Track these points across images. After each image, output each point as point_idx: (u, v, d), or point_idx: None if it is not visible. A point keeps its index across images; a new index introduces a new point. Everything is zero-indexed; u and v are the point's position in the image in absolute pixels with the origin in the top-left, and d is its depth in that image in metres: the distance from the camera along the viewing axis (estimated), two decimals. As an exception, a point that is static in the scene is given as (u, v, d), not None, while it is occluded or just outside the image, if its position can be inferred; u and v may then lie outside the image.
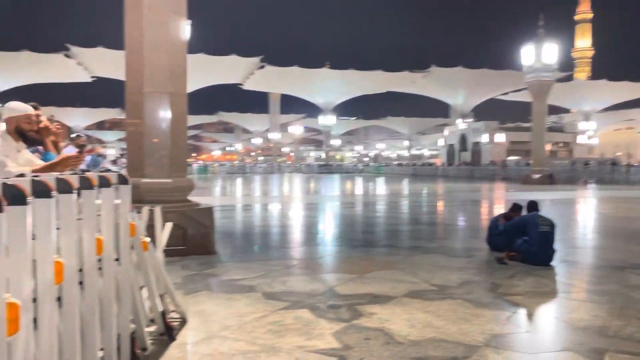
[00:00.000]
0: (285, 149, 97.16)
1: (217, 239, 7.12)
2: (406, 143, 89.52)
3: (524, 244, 6.14)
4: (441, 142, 69.52)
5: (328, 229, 10.48)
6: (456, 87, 56.54)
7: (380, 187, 29.10)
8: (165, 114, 6.71)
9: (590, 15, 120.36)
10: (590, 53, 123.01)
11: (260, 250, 7.56)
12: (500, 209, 14.04)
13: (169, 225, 4.24)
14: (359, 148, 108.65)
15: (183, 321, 3.83)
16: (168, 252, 5.00)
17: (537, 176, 29.16)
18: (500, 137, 55.00)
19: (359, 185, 30.84)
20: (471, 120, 61.47)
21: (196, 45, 44.33)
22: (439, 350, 3.29)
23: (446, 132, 67.22)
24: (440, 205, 16.86)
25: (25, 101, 3.73)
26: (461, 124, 60.86)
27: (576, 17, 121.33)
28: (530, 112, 32.24)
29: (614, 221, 11.97)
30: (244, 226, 10.62)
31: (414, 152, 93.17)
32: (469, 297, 4.58)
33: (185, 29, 7.09)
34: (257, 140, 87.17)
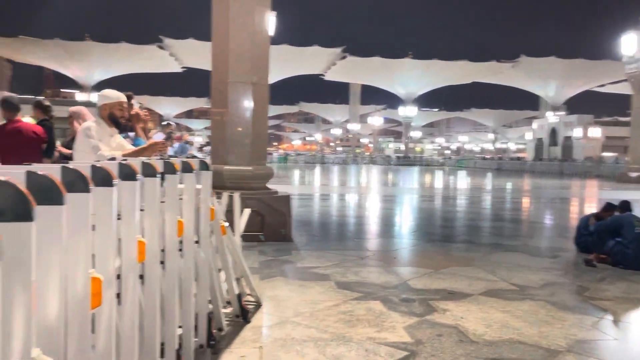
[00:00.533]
0: (364, 140, 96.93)
1: (293, 226, 7.24)
2: (491, 136, 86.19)
3: (617, 245, 5.73)
4: (529, 135, 66.16)
5: (405, 221, 10.34)
6: (547, 77, 53.51)
7: (462, 181, 28.27)
8: (247, 104, 6.90)
9: None
10: None
11: (330, 240, 7.61)
12: (591, 208, 13.18)
13: (247, 211, 4.37)
14: (440, 140, 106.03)
15: (258, 305, 3.94)
16: (246, 238, 5.16)
17: (634, 174, 27.02)
18: (595, 132, 51.48)
19: (438, 179, 30.16)
20: (563, 113, 57.96)
21: (279, 36, 45.13)
22: (516, 352, 3.15)
23: (535, 125, 63.87)
24: (525, 201, 16.10)
25: (122, 90, 3.97)
26: (552, 117, 57.54)
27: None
28: (629, 105, 29.87)
29: None
30: (320, 215, 10.73)
31: (499, 145, 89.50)
32: (551, 299, 4.34)
33: (269, 21, 7.22)
34: (337, 131, 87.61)
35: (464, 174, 36.36)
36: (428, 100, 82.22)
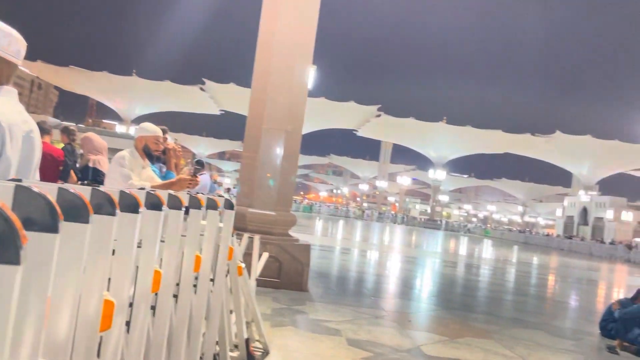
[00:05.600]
0: (391, 198, 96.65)
1: (310, 277, 7.17)
2: (520, 208, 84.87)
3: (643, 335, 5.47)
4: (559, 212, 65.00)
5: (425, 285, 10.13)
6: (582, 156, 52.98)
7: (487, 250, 27.69)
8: (279, 151, 7.02)
9: None
10: None
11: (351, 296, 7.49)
12: (619, 293, 12.70)
13: (265, 255, 4.36)
14: (467, 207, 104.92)
15: (265, 352, 3.87)
16: (262, 282, 5.13)
17: (668, 264, 26.05)
18: (628, 216, 50.30)
19: (463, 246, 29.61)
20: (595, 193, 56.95)
21: (317, 89, 46.27)
22: None
23: (566, 202, 62.84)
24: (550, 279, 15.62)
25: (157, 124, 4.11)
26: (583, 196, 56.57)
27: None
28: (666, 191, 29.17)
29: None
30: (339, 269, 10.61)
31: (528, 219, 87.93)
32: (570, 384, 4.14)
33: (308, 74, 7.44)
34: (364, 187, 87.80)
35: (489, 244, 35.64)
36: (458, 165, 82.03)
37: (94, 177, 5.54)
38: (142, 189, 2.72)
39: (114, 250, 1.50)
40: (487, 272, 14.79)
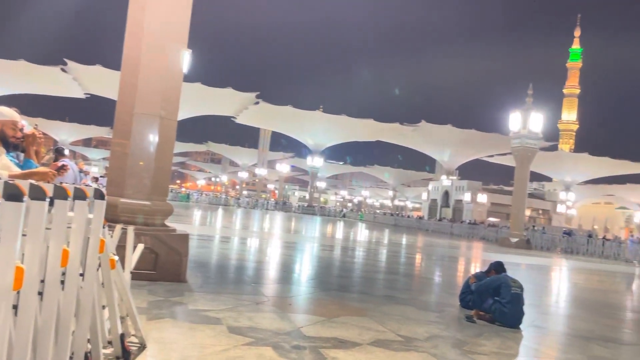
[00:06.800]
0: (270, 186, 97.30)
1: (189, 267, 7.01)
2: (390, 193, 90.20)
3: (495, 303, 6.16)
4: (424, 196, 70.19)
5: (303, 269, 10.39)
6: (444, 144, 57.55)
7: (360, 233, 29.07)
8: (153, 137, 6.72)
9: (577, 91, 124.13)
10: (575, 127, 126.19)
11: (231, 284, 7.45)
12: (476, 268, 14.11)
13: (140, 247, 4.19)
14: (343, 193, 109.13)
15: (142, 347, 3.73)
16: (137, 276, 4.92)
17: (514, 240, 29.43)
18: (482, 198, 55.82)
19: (339, 230, 30.79)
20: (455, 178, 62.34)
21: (194, 74, 44.82)
22: (398, 402, 3.23)
23: (430, 186, 68.02)
24: (417, 258, 16.86)
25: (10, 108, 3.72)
26: (445, 181, 61.66)
27: (564, 91, 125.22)
28: (513, 176, 32.86)
29: (586, 292, 12.06)
30: (219, 258, 10.49)
31: (398, 202, 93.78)
32: (434, 351, 4.55)
33: (183, 58, 7.18)
34: (243, 174, 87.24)
35: (363, 227, 37.45)
36: (335, 153, 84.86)
37: None
38: (-2, 179, 2.48)
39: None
40: (361, 253, 15.57)
